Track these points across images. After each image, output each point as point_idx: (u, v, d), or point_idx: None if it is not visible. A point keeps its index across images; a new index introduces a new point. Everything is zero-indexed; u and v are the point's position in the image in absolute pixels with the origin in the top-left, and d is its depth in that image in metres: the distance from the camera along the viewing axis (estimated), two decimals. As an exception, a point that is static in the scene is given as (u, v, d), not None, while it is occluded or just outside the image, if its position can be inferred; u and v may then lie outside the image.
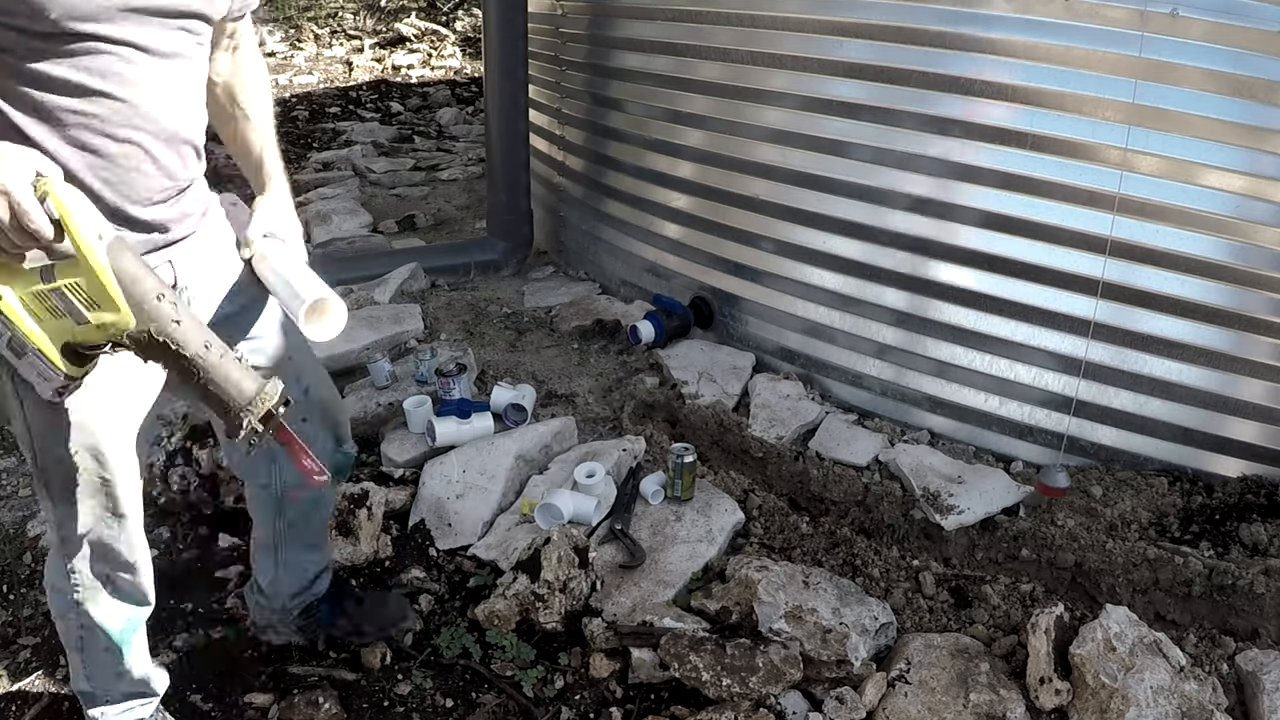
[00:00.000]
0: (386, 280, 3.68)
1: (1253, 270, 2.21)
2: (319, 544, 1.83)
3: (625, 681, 1.91)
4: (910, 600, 2.14)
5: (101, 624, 1.50)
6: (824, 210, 2.77)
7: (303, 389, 1.56)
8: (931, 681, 1.78)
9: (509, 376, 3.00)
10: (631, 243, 3.61)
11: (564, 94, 3.95)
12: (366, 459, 2.62)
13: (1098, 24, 2.18)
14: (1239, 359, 2.29)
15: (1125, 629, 1.74)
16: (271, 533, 1.75)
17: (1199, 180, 2.18)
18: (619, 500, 2.37)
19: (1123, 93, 2.17)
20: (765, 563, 2.04)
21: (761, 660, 1.79)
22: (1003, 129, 2.36)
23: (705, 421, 2.72)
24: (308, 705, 1.83)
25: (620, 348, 3.24)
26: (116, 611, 1.51)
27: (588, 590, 2.04)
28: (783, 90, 2.79)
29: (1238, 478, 2.38)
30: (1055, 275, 2.39)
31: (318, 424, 1.62)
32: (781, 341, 3.05)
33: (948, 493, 2.33)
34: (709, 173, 3.13)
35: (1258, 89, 2.08)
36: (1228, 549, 2.19)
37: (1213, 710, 1.66)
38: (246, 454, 1.39)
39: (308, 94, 8.89)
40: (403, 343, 3.20)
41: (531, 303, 3.72)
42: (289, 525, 1.73)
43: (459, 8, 12.62)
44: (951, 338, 2.61)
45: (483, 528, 2.32)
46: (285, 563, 1.79)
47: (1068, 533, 2.22)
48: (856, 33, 2.57)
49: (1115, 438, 2.49)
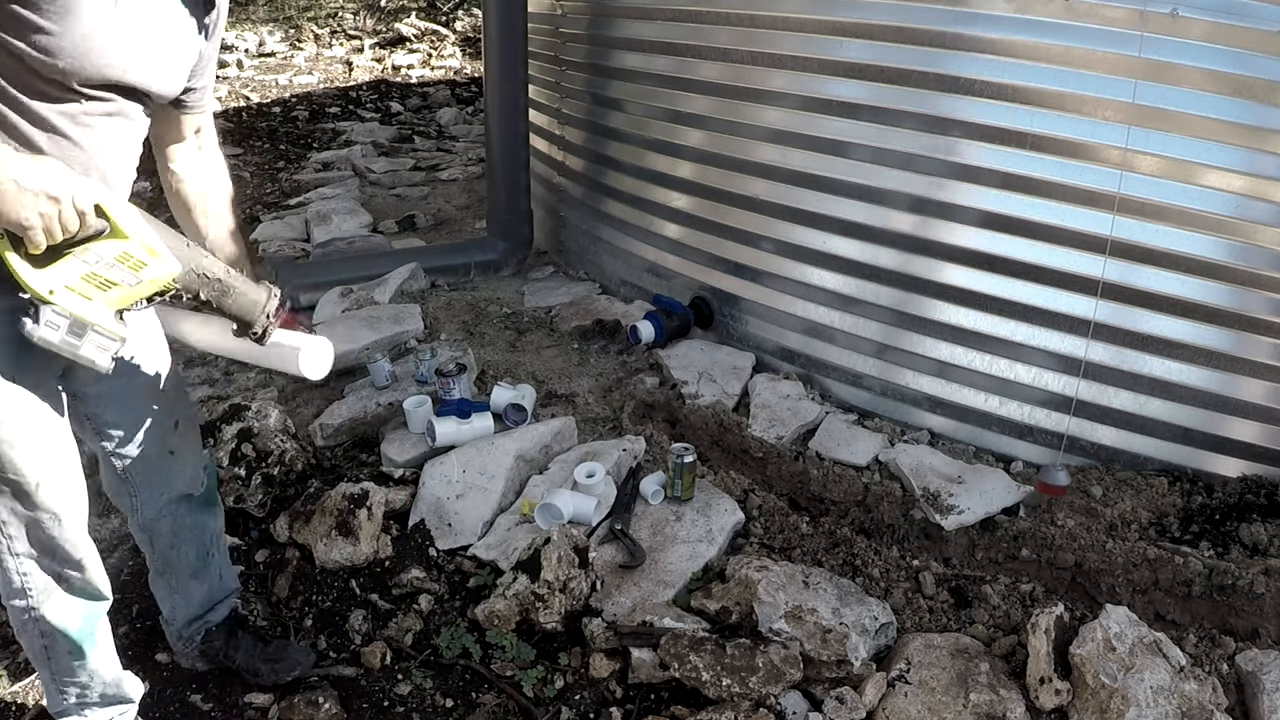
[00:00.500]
0: (386, 280, 3.68)
1: (1253, 270, 2.21)
2: (200, 573, 1.83)
3: (625, 681, 1.91)
4: (910, 600, 2.14)
5: (60, 626, 1.51)
6: (824, 210, 2.77)
7: (174, 422, 1.64)
8: (931, 681, 1.78)
9: (509, 376, 3.00)
10: (631, 243, 3.61)
11: (564, 94, 3.95)
12: (367, 459, 2.62)
13: (1098, 24, 2.18)
14: (1239, 359, 2.29)
15: (1125, 629, 1.74)
16: (156, 560, 1.79)
17: (1199, 180, 2.19)
18: (619, 500, 2.37)
19: (1123, 93, 2.17)
20: (765, 563, 2.04)
21: (761, 660, 1.79)
22: (1003, 129, 2.36)
23: (705, 421, 2.72)
24: (307, 705, 1.83)
25: (620, 348, 3.24)
26: (73, 609, 1.52)
27: (588, 590, 2.04)
28: (783, 90, 2.79)
29: (1238, 478, 2.38)
30: (1055, 275, 2.39)
31: (187, 452, 1.70)
32: (781, 341, 3.05)
33: (948, 493, 2.33)
34: (709, 173, 3.13)
35: (1258, 89, 2.08)
36: (1228, 549, 2.19)
37: (1213, 710, 1.66)
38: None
39: (308, 94, 8.89)
40: (403, 343, 3.20)
41: (531, 303, 3.72)
42: (163, 556, 1.77)
43: (459, 8, 12.62)
44: (951, 338, 2.61)
45: (483, 528, 2.32)
46: (176, 591, 1.83)
47: (1068, 533, 2.22)
48: (856, 33, 2.57)
49: (1115, 438, 2.49)
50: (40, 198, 1.12)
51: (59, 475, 1.41)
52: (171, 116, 1.48)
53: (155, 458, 1.62)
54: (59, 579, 1.48)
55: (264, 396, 2.83)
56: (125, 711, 1.72)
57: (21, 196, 1.10)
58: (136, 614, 2.09)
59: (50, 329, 1.19)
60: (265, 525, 2.36)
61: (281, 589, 2.18)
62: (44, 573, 1.46)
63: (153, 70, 1.29)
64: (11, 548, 1.42)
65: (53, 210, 1.13)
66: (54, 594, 1.49)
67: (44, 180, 1.12)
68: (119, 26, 1.20)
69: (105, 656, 1.63)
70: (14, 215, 1.11)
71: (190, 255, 1.33)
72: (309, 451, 2.57)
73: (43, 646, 1.54)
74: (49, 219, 1.13)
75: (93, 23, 1.16)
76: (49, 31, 1.13)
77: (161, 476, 1.66)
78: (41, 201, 1.12)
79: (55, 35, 1.14)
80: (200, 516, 1.78)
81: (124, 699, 1.70)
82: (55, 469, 1.40)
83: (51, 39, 1.14)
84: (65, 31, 1.14)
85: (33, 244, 1.15)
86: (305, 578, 2.21)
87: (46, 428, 1.38)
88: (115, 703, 1.69)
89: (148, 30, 1.25)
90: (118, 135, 1.31)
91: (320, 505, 2.28)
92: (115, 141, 1.31)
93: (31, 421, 1.35)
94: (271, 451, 2.43)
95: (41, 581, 1.46)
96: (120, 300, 1.25)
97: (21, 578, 1.45)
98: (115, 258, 1.21)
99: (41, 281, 1.18)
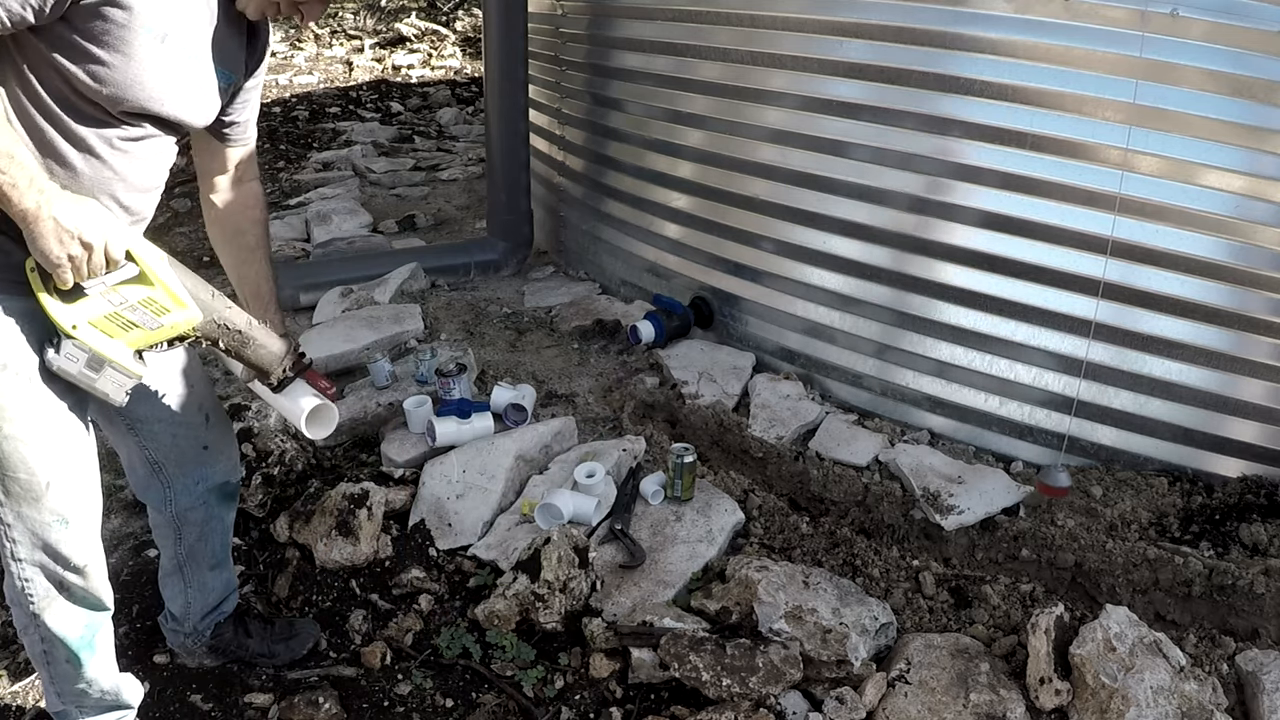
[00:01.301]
0: (386, 280, 3.68)
1: (1253, 270, 2.21)
2: (221, 564, 1.86)
3: (625, 681, 1.91)
4: (910, 600, 2.14)
5: (60, 634, 1.50)
6: (824, 210, 2.77)
7: (204, 416, 1.66)
8: (931, 681, 1.78)
9: (509, 376, 3.00)
10: (631, 243, 3.61)
11: (564, 94, 3.95)
12: (367, 459, 2.62)
13: (1098, 24, 2.18)
14: (1239, 359, 2.29)
15: (1125, 629, 1.74)
16: (175, 557, 1.79)
17: (1199, 180, 2.18)
18: (619, 500, 2.37)
19: (1123, 93, 2.17)
20: (765, 563, 2.04)
21: (761, 660, 1.79)
22: (1003, 129, 2.36)
23: (705, 421, 2.72)
24: (308, 705, 1.83)
25: (620, 348, 3.24)
26: (73, 618, 1.51)
27: (588, 590, 2.04)
28: (783, 90, 2.79)
29: (1238, 478, 2.38)
30: (1055, 275, 2.39)
31: (222, 442, 1.74)
32: (781, 341, 3.05)
33: (948, 493, 2.33)
34: (709, 173, 3.13)
35: (1258, 89, 2.08)
36: (1228, 549, 2.19)
37: (1213, 710, 1.66)
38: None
39: (308, 94, 8.89)
40: (403, 343, 3.20)
41: (531, 303, 3.72)
42: (189, 548, 1.78)
43: (459, 8, 12.62)
44: (952, 338, 2.61)
45: (483, 528, 2.32)
46: (191, 585, 1.83)
47: (1068, 533, 2.22)
48: (856, 33, 2.57)
49: (1115, 438, 2.49)
50: (75, 241, 1.17)
51: (72, 476, 1.40)
52: (215, 148, 1.55)
53: (189, 449, 1.65)
54: (60, 586, 1.47)
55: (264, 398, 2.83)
56: (123, 717, 1.72)
57: (58, 235, 1.16)
58: (136, 614, 2.09)
59: (69, 360, 1.25)
60: (265, 525, 2.37)
61: (281, 589, 2.18)
62: (46, 579, 1.45)
63: (188, 104, 1.34)
64: (15, 552, 1.41)
65: (84, 254, 1.18)
66: (55, 601, 1.48)
67: (82, 223, 1.17)
68: (164, 62, 1.25)
69: (104, 664, 1.63)
70: (47, 251, 1.16)
71: (214, 305, 1.39)
72: (309, 451, 2.58)
73: (42, 651, 1.54)
74: (79, 261, 1.19)
75: (142, 58, 1.22)
76: (104, 63, 1.19)
77: (197, 466, 1.68)
78: (75, 245, 1.17)
79: (108, 67, 1.19)
80: (229, 505, 1.81)
81: (122, 705, 1.70)
82: (69, 470, 1.39)
83: (103, 69, 1.19)
84: (118, 65, 1.20)
85: (61, 281, 1.20)
86: (305, 578, 2.21)
87: (65, 427, 1.38)
88: (113, 709, 1.69)
89: (189, 66, 1.31)
90: (148, 160, 1.36)
91: (320, 505, 2.28)
92: (145, 165, 1.36)
93: (49, 420, 1.35)
94: (271, 451, 2.43)
95: (43, 588, 1.46)
96: (140, 341, 1.31)
97: (24, 583, 1.44)
98: (140, 301, 1.27)
99: (66, 315, 1.23)
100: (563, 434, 2.62)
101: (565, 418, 2.70)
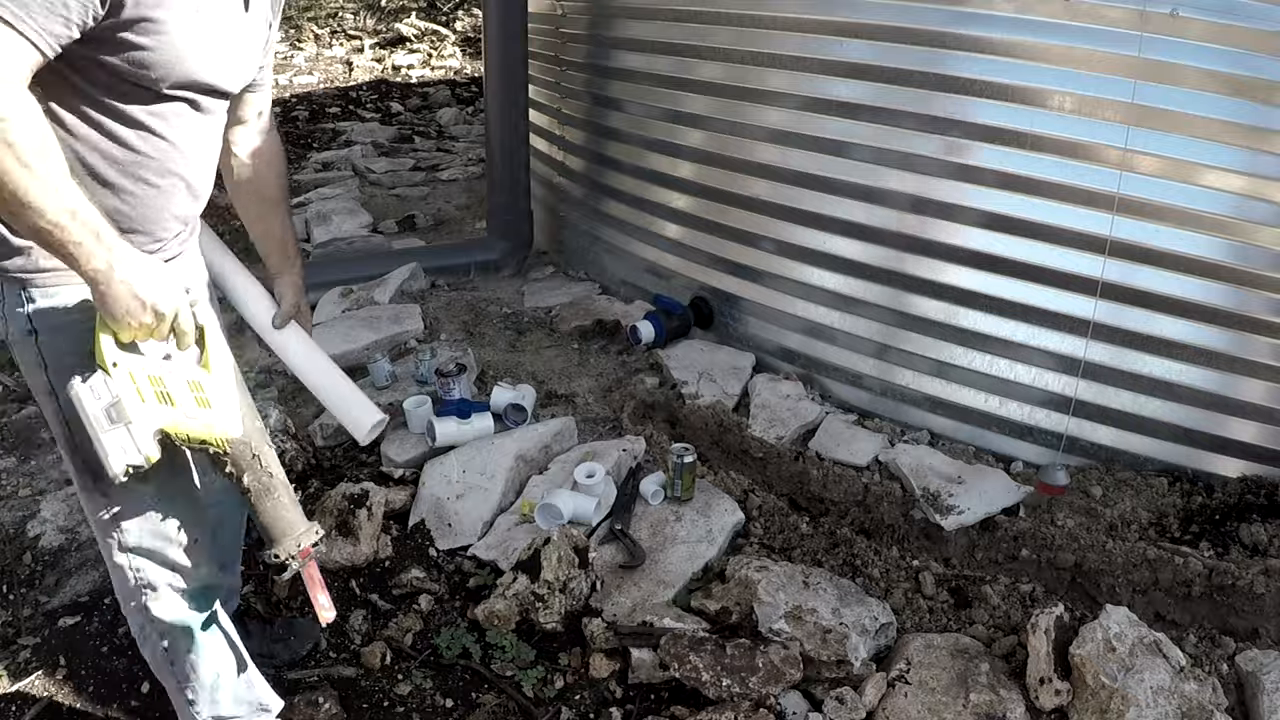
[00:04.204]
0: (386, 280, 3.68)
1: (1253, 270, 2.21)
2: (229, 565, 1.80)
3: (625, 681, 1.91)
4: (910, 600, 2.14)
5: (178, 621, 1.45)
6: (824, 210, 2.77)
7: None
8: (931, 681, 1.78)
9: (509, 376, 3.00)
10: (631, 243, 3.61)
11: (564, 94, 3.95)
12: (366, 459, 2.62)
13: (1098, 24, 2.18)
14: (1239, 359, 2.29)
15: (1125, 629, 1.74)
16: None
17: (1199, 180, 2.18)
18: (619, 500, 2.37)
19: (1123, 93, 2.17)
20: (765, 563, 2.04)
21: (761, 660, 1.79)
22: (1003, 129, 2.36)
23: (705, 421, 2.72)
24: (308, 705, 1.83)
25: (620, 348, 3.24)
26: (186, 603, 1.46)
27: (588, 590, 2.04)
28: (783, 90, 2.79)
29: (1238, 478, 2.38)
30: (1055, 275, 2.39)
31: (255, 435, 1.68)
32: (781, 341, 3.05)
33: (948, 493, 2.33)
34: (709, 173, 3.13)
35: (1258, 89, 2.08)
36: (1228, 549, 2.19)
37: (1213, 710, 1.66)
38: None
39: (308, 94, 8.89)
40: (403, 343, 3.20)
41: (531, 303, 3.72)
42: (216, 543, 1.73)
43: (459, 8, 12.62)
44: (951, 338, 2.61)
45: (483, 528, 2.32)
46: None
47: (1068, 533, 2.22)
48: (856, 33, 2.57)
49: (1115, 438, 2.49)
50: (148, 311, 1.15)
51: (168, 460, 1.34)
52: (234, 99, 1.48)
53: None
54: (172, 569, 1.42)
55: (264, 396, 2.83)
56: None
57: (129, 303, 1.13)
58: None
59: (90, 395, 1.12)
60: (265, 525, 2.36)
61: (281, 589, 2.18)
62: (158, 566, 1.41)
63: (229, 68, 1.32)
64: (124, 541, 1.37)
65: (152, 324, 1.16)
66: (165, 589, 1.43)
67: (157, 295, 1.15)
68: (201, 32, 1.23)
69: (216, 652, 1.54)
70: (115, 314, 1.14)
71: (256, 433, 1.31)
72: (309, 451, 2.58)
73: (162, 651, 1.48)
74: (145, 330, 1.16)
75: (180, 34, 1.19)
76: (145, 48, 1.16)
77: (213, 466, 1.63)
78: (146, 314, 1.15)
79: (149, 50, 1.16)
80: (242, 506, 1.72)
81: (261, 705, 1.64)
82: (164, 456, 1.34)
83: (145, 53, 1.17)
84: (159, 47, 1.17)
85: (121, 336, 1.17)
86: (305, 578, 2.21)
87: None
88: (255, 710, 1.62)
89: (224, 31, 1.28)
90: (201, 130, 1.34)
91: (320, 505, 2.28)
92: (199, 136, 1.34)
93: None
94: (271, 451, 2.43)
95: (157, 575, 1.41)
96: (169, 423, 1.18)
97: (134, 574, 1.40)
98: (188, 382, 1.22)
99: (111, 353, 1.16)
100: (562, 434, 2.63)
101: (565, 418, 2.70)
